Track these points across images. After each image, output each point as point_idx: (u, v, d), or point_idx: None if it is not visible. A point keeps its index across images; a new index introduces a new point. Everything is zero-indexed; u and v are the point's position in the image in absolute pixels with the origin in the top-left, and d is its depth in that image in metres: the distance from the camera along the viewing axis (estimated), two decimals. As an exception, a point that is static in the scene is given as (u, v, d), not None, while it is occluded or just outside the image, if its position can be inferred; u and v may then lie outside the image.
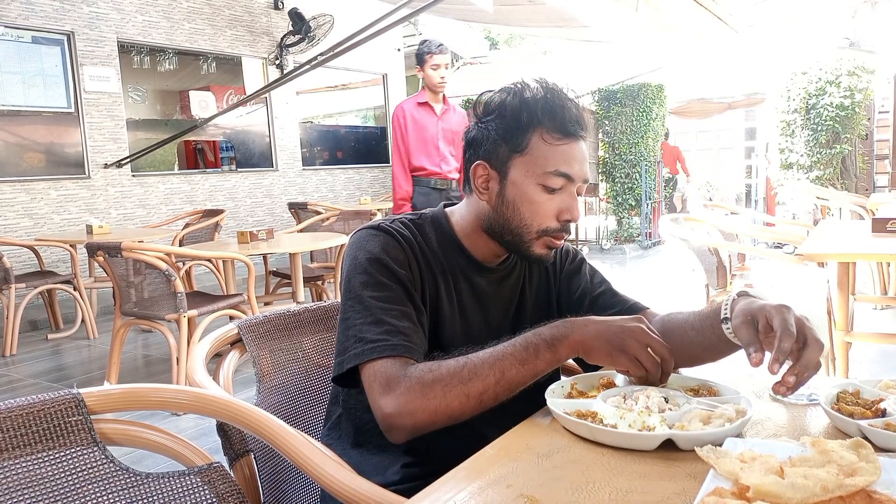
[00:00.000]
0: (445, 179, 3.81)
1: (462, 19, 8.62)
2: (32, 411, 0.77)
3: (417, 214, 1.12)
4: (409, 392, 0.88)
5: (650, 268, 7.44)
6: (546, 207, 1.02)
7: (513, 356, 0.89)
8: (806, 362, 0.80)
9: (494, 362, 0.89)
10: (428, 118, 3.81)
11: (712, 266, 3.31)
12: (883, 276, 4.37)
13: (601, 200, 9.31)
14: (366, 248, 1.02)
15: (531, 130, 1.01)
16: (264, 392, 1.16)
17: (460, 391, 0.88)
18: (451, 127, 3.84)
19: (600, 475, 0.72)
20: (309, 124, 9.08)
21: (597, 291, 1.19)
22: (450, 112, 3.90)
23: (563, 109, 1.02)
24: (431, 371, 0.90)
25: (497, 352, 0.91)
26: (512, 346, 0.91)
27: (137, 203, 6.67)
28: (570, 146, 1.02)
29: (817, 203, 6.22)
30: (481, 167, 1.06)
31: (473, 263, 1.10)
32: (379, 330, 0.94)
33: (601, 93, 8.88)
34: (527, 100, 1.03)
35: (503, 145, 1.03)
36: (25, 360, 4.23)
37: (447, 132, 3.83)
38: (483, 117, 1.07)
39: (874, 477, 0.61)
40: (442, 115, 3.85)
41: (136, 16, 6.63)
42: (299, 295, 3.72)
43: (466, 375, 0.88)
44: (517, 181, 1.02)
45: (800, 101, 7.82)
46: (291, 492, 1.13)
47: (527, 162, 1.02)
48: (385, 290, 0.98)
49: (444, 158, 3.81)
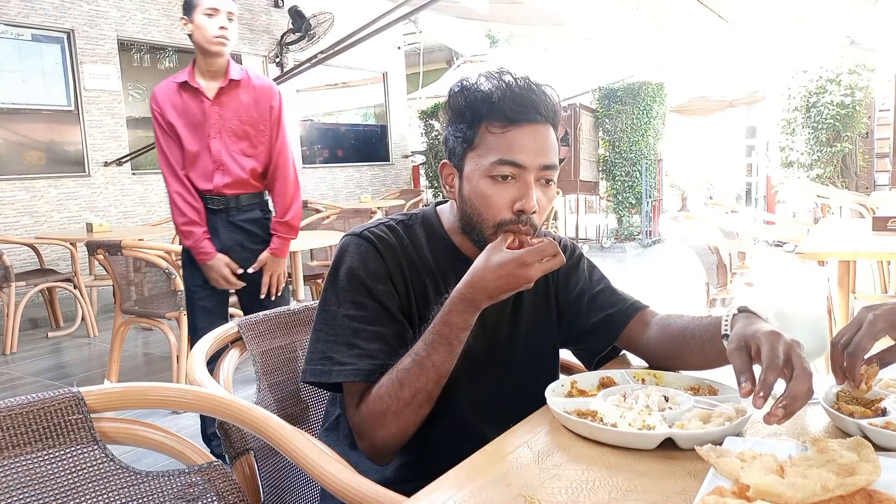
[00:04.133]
0: (222, 196, 2.39)
1: (461, 17, 8.61)
2: (33, 410, 0.77)
3: (408, 215, 1.12)
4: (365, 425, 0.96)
5: (650, 266, 7.44)
6: (497, 199, 0.99)
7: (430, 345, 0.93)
8: (794, 393, 0.76)
9: (417, 362, 0.93)
10: (193, 105, 2.37)
11: (712, 264, 3.31)
12: (883, 274, 4.37)
13: (601, 199, 9.30)
14: (346, 261, 1.02)
15: (477, 124, 1.00)
16: (264, 390, 1.16)
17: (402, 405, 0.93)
18: (239, 113, 2.38)
19: (600, 474, 0.72)
20: (309, 122, 9.08)
21: (596, 289, 1.18)
22: (238, 90, 2.38)
23: (504, 97, 0.99)
24: (375, 400, 0.95)
25: (414, 350, 0.95)
26: (423, 340, 0.95)
27: (138, 201, 6.67)
28: (516, 132, 0.98)
29: (818, 201, 6.22)
30: (446, 166, 1.07)
31: (465, 262, 1.06)
32: (349, 353, 0.97)
33: (602, 91, 8.87)
34: (469, 94, 1.01)
35: (459, 142, 1.03)
36: (26, 359, 4.23)
37: (232, 121, 2.37)
38: (445, 119, 1.07)
39: (874, 476, 0.61)
40: (219, 95, 2.36)
41: (135, 13, 6.62)
42: (299, 293, 3.71)
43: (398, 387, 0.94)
44: (469, 176, 1.02)
45: (800, 99, 7.81)
46: (291, 490, 1.13)
47: (476, 156, 1.01)
48: (360, 310, 0.99)
49: (220, 166, 2.36)
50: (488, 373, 1.09)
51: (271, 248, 2.44)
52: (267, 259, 2.45)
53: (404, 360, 0.95)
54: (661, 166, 9.17)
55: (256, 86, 2.43)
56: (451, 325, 0.93)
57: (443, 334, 0.93)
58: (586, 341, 1.19)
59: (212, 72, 2.38)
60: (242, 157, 2.41)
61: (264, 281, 2.44)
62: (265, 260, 2.44)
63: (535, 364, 1.14)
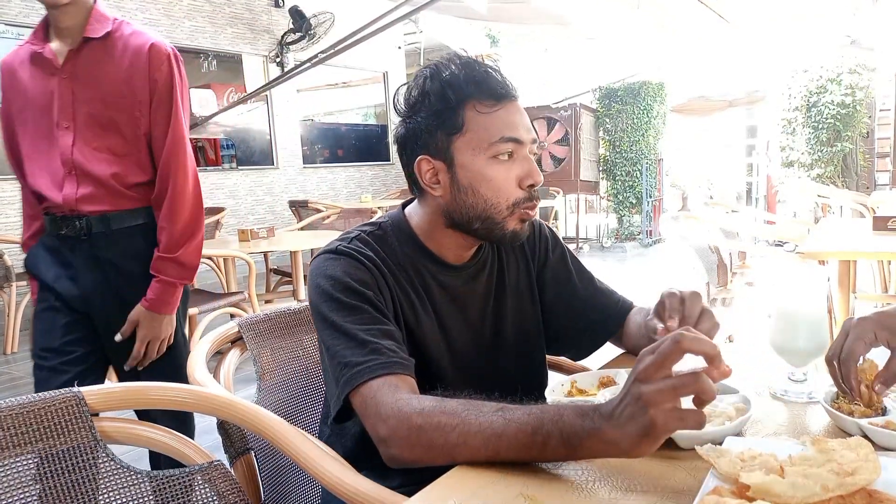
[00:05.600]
0: (79, 216, 1.56)
1: (461, 17, 8.61)
2: (33, 409, 0.78)
3: (377, 225, 1.06)
4: (398, 429, 0.81)
5: (651, 266, 7.43)
6: (505, 179, 0.97)
7: (515, 438, 0.73)
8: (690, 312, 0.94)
9: (491, 437, 0.75)
10: (38, 78, 1.57)
11: (713, 264, 3.31)
12: (884, 274, 4.37)
13: (602, 198, 9.30)
14: (326, 273, 0.96)
15: (462, 106, 0.96)
16: (265, 390, 1.16)
17: (445, 452, 0.78)
18: (102, 90, 1.55)
19: (600, 474, 0.72)
20: (310, 122, 9.07)
21: (583, 289, 1.18)
22: (100, 55, 1.55)
23: (486, 75, 0.98)
24: (422, 415, 0.80)
25: (498, 425, 0.75)
26: (518, 424, 0.74)
27: (138, 201, 6.66)
28: (505, 109, 0.97)
29: (818, 201, 6.22)
30: (424, 162, 1.00)
31: (442, 265, 1.06)
32: (363, 351, 0.89)
33: (602, 91, 8.88)
34: (447, 78, 0.97)
35: (438, 132, 0.98)
36: (26, 358, 4.20)
37: (91, 103, 1.55)
38: (407, 113, 1.01)
39: (874, 476, 0.61)
40: (71, 64, 1.55)
41: (136, 13, 6.62)
42: (300, 293, 3.71)
43: (455, 440, 0.77)
44: (466, 163, 0.97)
45: (801, 98, 7.81)
46: (292, 490, 1.13)
47: (469, 140, 0.97)
48: (358, 313, 0.93)
49: (73, 169, 1.55)
50: (478, 369, 1.08)
51: (147, 298, 1.58)
52: (140, 317, 1.58)
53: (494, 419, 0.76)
54: (662, 166, 9.17)
55: (132, 46, 1.54)
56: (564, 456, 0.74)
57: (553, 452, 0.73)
58: (577, 340, 1.19)
59: (62, 29, 1.53)
60: (109, 156, 1.56)
61: (135, 349, 1.59)
62: (137, 318, 1.58)
63: (522, 361, 1.13)
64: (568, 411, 0.72)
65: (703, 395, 0.65)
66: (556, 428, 0.71)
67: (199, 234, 1.65)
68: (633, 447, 0.67)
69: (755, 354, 1.12)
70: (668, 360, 0.66)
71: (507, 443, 0.74)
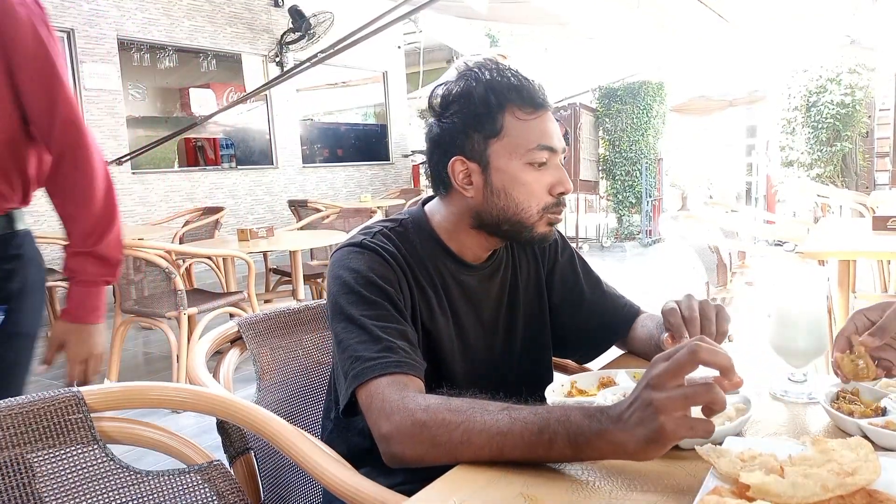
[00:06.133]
0: None
1: (461, 16, 8.61)
2: (33, 409, 0.77)
3: (397, 221, 1.08)
4: (402, 425, 0.81)
5: (651, 266, 7.44)
6: (538, 185, 1.00)
7: (521, 437, 0.73)
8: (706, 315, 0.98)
9: (496, 435, 0.74)
10: None
11: (712, 264, 3.32)
12: (883, 274, 4.37)
13: (601, 198, 9.30)
14: (350, 266, 0.98)
15: (503, 112, 0.98)
16: (264, 390, 1.16)
17: (448, 449, 0.77)
18: None
19: (600, 474, 0.72)
20: (309, 122, 9.08)
21: (590, 292, 1.19)
22: None
23: (527, 83, 1.01)
24: (427, 411, 0.80)
25: (504, 423, 0.74)
26: (524, 423, 0.73)
27: (137, 200, 6.66)
28: (542, 118, 1.00)
29: (818, 201, 6.22)
30: (458, 162, 1.01)
31: (460, 264, 1.07)
32: (377, 347, 0.90)
33: (602, 90, 8.87)
34: (490, 82, 0.99)
35: (475, 134, 0.99)
36: None
37: None
38: (444, 112, 1.02)
39: (874, 476, 0.61)
40: None
41: (135, 13, 6.62)
42: (299, 293, 3.71)
43: (459, 438, 0.76)
44: (502, 167, 0.99)
45: (800, 98, 7.81)
46: (292, 490, 1.13)
47: (506, 144, 0.99)
48: (377, 309, 0.94)
49: None
50: (487, 368, 1.09)
51: (67, 310, 1.27)
52: (64, 334, 1.28)
53: (499, 418, 0.76)
54: (661, 165, 9.17)
55: None
56: (570, 456, 0.73)
57: (559, 452, 0.72)
58: (582, 343, 1.20)
59: None
60: None
61: (69, 373, 1.30)
62: (61, 337, 1.28)
63: (531, 361, 1.14)
64: (575, 412, 0.72)
65: (714, 405, 0.65)
66: (562, 427, 0.71)
67: (118, 222, 1.29)
68: (640, 451, 0.67)
69: (755, 354, 1.12)
70: (682, 370, 0.67)
71: (512, 441, 0.73)
